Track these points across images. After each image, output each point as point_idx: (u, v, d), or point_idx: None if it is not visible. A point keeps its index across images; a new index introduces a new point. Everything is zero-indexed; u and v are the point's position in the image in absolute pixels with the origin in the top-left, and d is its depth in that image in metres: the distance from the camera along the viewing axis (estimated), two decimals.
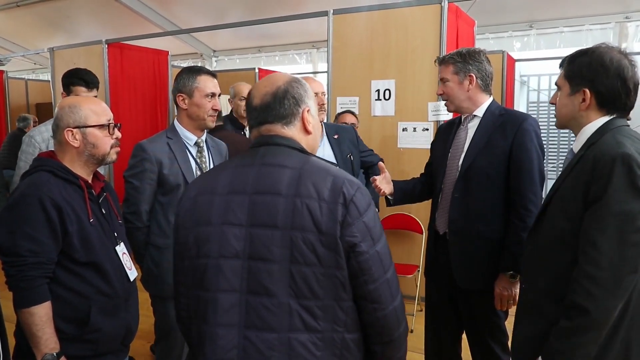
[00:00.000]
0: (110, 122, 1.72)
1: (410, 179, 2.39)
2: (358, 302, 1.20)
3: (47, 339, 1.51)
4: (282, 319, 1.15)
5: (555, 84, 1.57)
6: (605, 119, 1.45)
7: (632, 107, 1.46)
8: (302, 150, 1.27)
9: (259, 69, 7.06)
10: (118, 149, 1.75)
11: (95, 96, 2.85)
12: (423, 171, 2.42)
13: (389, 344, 1.25)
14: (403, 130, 3.58)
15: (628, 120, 4.21)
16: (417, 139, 3.50)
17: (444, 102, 2.14)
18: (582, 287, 1.31)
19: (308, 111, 1.30)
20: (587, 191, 1.35)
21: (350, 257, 1.16)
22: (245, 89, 3.49)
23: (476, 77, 2.04)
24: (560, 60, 1.57)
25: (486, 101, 2.08)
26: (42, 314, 1.51)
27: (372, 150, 2.93)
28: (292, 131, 1.28)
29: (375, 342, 1.24)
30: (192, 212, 1.26)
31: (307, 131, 1.31)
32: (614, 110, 1.44)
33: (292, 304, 1.15)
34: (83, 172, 1.68)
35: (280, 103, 1.26)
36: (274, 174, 1.20)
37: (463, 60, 2.05)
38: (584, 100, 1.45)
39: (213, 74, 2.19)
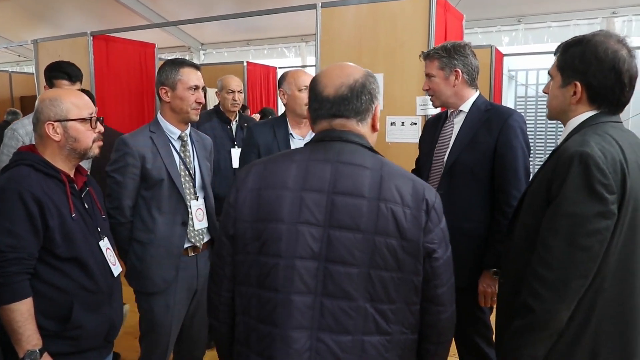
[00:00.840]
0: (93, 115, 1.69)
1: None
2: (423, 304, 1.21)
3: (29, 336, 1.49)
4: (357, 322, 1.14)
5: (548, 72, 1.49)
6: (590, 113, 1.38)
7: (626, 102, 1.37)
8: (372, 150, 1.25)
9: (247, 62, 7.00)
10: (101, 143, 1.72)
11: (79, 89, 2.81)
12: (414, 166, 2.41)
13: (443, 344, 1.28)
14: (391, 124, 3.57)
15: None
16: (405, 133, 3.49)
17: (430, 97, 2.12)
18: (532, 287, 1.28)
19: (378, 108, 1.28)
20: (549, 188, 1.30)
21: (425, 262, 1.17)
22: (232, 82, 3.40)
23: (462, 72, 2.02)
24: (547, 54, 1.50)
25: (472, 96, 2.07)
26: (23, 310, 1.48)
27: None
28: (365, 128, 1.26)
29: (432, 342, 1.26)
30: (255, 206, 1.20)
31: (374, 128, 1.29)
32: (605, 105, 1.36)
33: (368, 307, 1.15)
34: (65, 166, 1.65)
35: (357, 97, 1.22)
36: (354, 175, 1.17)
37: (448, 55, 2.02)
38: (574, 93, 1.37)
39: (196, 66, 2.16)
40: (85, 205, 1.69)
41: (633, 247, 1.30)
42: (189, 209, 2.12)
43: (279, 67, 7.68)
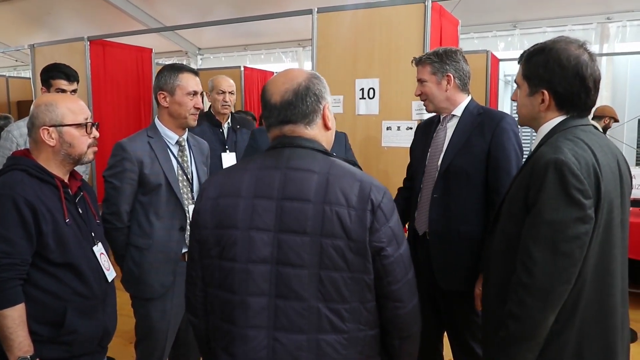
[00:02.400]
0: (88, 120, 1.69)
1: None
2: (380, 300, 1.23)
3: (21, 342, 1.48)
4: (310, 321, 1.18)
5: (515, 81, 1.52)
6: (560, 118, 1.40)
7: (593, 105, 1.41)
8: (324, 152, 1.27)
9: (245, 67, 7.02)
10: (95, 148, 1.72)
11: (76, 89, 2.81)
12: (405, 175, 2.39)
13: (407, 338, 1.29)
14: (387, 129, 3.58)
15: (616, 122, 4.24)
16: (401, 138, 3.50)
17: (424, 102, 2.14)
18: (517, 295, 1.29)
19: (327, 107, 1.30)
20: (527, 195, 1.32)
21: (375, 260, 1.19)
22: (224, 82, 3.28)
23: (454, 77, 2.05)
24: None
25: (464, 100, 2.09)
26: (15, 316, 1.48)
27: (357, 162, 2.87)
28: (314, 130, 1.28)
29: (395, 337, 1.28)
30: (214, 214, 1.26)
31: (327, 127, 1.31)
32: (574, 110, 1.39)
33: (320, 307, 1.18)
34: (59, 171, 1.65)
35: (302, 101, 1.25)
36: (301, 180, 1.20)
37: (440, 60, 2.05)
38: (543, 101, 1.40)
39: (195, 72, 2.17)
40: (79, 210, 1.69)
41: (609, 249, 1.33)
42: (187, 214, 2.12)
43: (276, 72, 7.69)
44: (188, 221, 2.12)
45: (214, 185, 1.30)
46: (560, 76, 1.35)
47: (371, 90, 3.58)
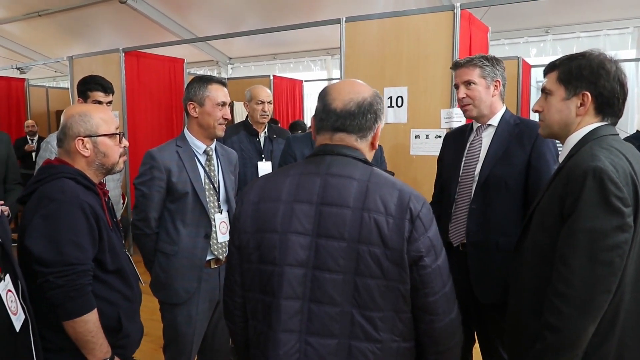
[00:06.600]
0: (120, 130, 1.73)
1: None
2: (416, 313, 1.22)
3: (102, 344, 1.52)
4: (343, 326, 1.18)
5: (543, 89, 1.49)
6: (592, 126, 1.39)
7: (622, 113, 1.42)
8: (365, 161, 1.28)
9: (274, 76, 7.11)
10: (125, 157, 1.75)
11: (111, 101, 2.90)
12: (434, 188, 2.32)
13: (444, 353, 1.27)
14: (416, 137, 3.56)
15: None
16: (430, 146, 3.47)
17: (466, 106, 2.06)
18: (554, 306, 1.27)
19: (380, 128, 1.31)
20: (562, 206, 1.30)
21: (413, 271, 1.18)
22: (262, 92, 3.28)
23: (502, 84, 2.02)
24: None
25: (501, 109, 2.06)
26: (95, 320, 1.50)
27: (393, 174, 2.86)
28: (363, 144, 1.30)
29: (431, 352, 1.26)
30: (255, 218, 1.27)
31: (373, 146, 1.33)
32: (609, 115, 1.39)
33: (354, 313, 1.18)
34: (94, 180, 1.69)
35: (363, 115, 1.26)
36: (341, 186, 1.21)
37: (491, 65, 2.02)
38: (582, 104, 1.39)
39: (224, 83, 2.21)
40: (114, 217, 1.73)
41: None
42: (213, 222, 2.15)
43: (305, 80, 7.76)
44: (213, 229, 2.15)
45: (255, 191, 1.31)
46: (605, 79, 1.36)
47: (399, 99, 3.57)
